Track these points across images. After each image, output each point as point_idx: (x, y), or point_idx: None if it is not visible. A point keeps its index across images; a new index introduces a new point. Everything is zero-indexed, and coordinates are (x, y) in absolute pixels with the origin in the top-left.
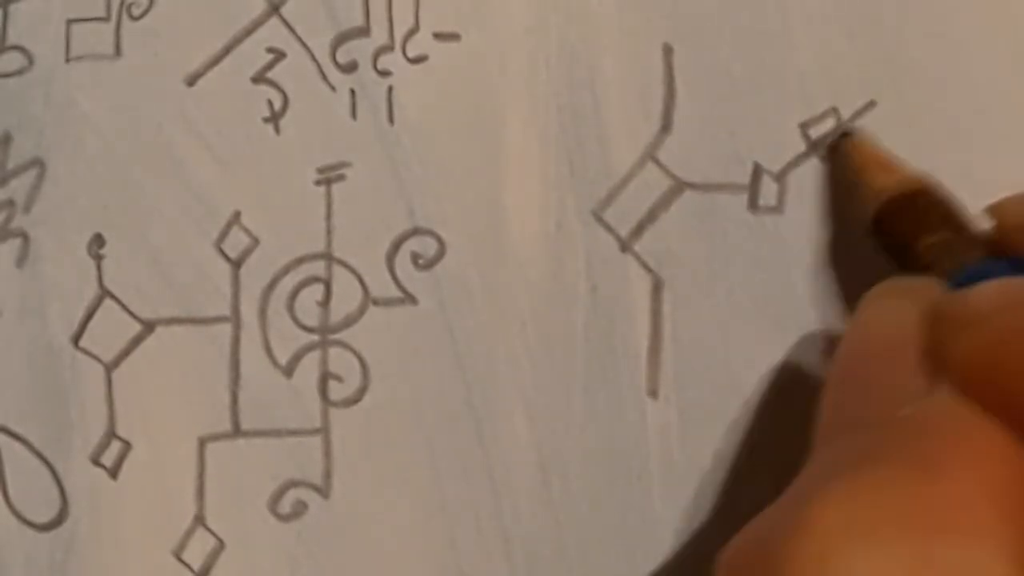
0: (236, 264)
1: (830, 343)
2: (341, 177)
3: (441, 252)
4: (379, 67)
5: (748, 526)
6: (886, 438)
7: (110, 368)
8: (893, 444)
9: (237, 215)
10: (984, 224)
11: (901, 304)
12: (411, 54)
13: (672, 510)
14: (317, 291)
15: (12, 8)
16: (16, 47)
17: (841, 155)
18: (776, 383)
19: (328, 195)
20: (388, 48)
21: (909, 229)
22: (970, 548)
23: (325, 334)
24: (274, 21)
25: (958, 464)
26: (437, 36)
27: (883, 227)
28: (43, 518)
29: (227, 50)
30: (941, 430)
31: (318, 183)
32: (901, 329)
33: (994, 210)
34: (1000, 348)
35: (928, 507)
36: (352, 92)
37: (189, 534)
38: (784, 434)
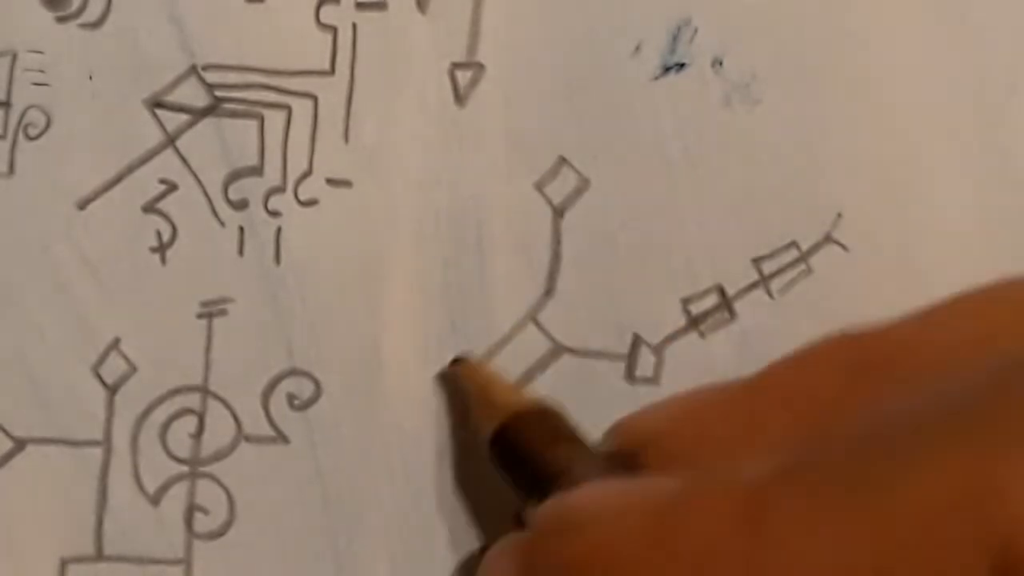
0: (112, 390)
1: None
2: (223, 312)
3: (317, 395)
4: (269, 207)
5: None
6: None
7: None
8: None
9: (116, 341)
10: (604, 445)
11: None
12: (302, 197)
13: None
14: (190, 423)
15: None
16: None
17: (456, 378)
18: None
19: (209, 329)
20: (280, 189)
21: (535, 443)
22: None
23: (195, 466)
24: (168, 153)
25: None
26: (329, 181)
27: (507, 441)
28: None
29: (119, 177)
30: None
31: (200, 316)
32: None
33: (615, 431)
34: (602, 552)
35: None
36: (241, 229)
37: None
38: None
